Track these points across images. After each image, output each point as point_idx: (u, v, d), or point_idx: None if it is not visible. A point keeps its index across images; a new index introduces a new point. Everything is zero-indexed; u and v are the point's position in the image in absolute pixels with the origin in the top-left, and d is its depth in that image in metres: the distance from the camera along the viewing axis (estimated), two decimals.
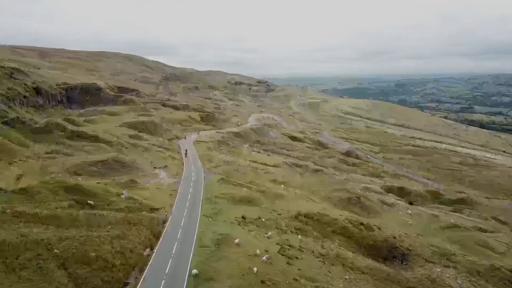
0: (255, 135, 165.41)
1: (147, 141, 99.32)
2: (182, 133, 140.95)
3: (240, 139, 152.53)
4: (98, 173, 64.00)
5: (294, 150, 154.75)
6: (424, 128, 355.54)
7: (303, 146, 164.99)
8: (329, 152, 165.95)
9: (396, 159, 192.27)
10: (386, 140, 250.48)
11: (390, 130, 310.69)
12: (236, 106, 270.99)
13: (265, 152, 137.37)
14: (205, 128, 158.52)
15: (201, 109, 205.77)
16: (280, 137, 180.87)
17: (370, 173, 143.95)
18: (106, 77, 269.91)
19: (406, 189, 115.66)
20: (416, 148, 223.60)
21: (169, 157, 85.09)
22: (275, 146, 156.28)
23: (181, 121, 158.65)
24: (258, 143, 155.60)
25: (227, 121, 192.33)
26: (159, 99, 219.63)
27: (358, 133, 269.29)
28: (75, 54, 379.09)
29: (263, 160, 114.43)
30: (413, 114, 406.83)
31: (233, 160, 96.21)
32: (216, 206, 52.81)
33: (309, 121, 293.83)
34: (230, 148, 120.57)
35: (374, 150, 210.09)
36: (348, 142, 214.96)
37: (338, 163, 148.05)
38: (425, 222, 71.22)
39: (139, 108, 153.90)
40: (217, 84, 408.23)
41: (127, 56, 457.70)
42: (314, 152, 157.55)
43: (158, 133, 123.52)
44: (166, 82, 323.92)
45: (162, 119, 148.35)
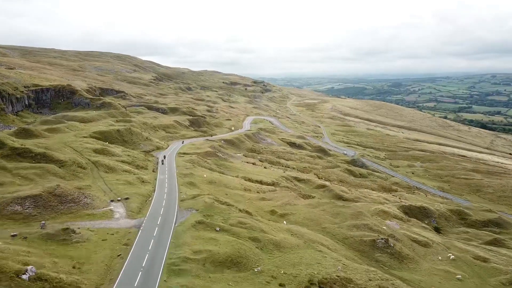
0: (249, 142, 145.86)
1: (116, 157, 79.49)
2: (166, 142, 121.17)
3: (233, 148, 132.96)
4: (23, 216, 44.21)
5: (293, 160, 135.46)
6: (426, 129, 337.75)
7: (304, 154, 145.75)
8: (333, 160, 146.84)
9: (405, 166, 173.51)
10: (390, 144, 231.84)
11: (392, 132, 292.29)
12: (230, 108, 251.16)
13: (261, 163, 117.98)
14: (193, 135, 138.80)
15: (191, 112, 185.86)
16: (277, 143, 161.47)
17: (380, 187, 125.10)
18: (91, 78, 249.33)
19: (427, 209, 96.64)
20: (423, 153, 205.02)
21: (137, 180, 65.30)
22: (273, 154, 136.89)
23: (166, 127, 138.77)
24: (254, 151, 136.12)
25: (220, 126, 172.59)
26: (146, 101, 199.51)
27: (359, 136, 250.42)
28: (62, 54, 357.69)
29: (259, 176, 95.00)
30: (414, 115, 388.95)
31: (220, 180, 76.67)
32: (183, 280, 33.26)
33: (308, 123, 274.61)
34: (219, 161, 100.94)
35: (379, 156, 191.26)
36: (351, 148, 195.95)
37: (344, 174, 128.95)
38: (476, 270, 52.25)
39: (118, 113, 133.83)
40: (211, 85, 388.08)
41: (119, 56, 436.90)
42: (316, 161, 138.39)
43: (135, 143, 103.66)
44: (157, 82, 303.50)
45: (143, 126, 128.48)
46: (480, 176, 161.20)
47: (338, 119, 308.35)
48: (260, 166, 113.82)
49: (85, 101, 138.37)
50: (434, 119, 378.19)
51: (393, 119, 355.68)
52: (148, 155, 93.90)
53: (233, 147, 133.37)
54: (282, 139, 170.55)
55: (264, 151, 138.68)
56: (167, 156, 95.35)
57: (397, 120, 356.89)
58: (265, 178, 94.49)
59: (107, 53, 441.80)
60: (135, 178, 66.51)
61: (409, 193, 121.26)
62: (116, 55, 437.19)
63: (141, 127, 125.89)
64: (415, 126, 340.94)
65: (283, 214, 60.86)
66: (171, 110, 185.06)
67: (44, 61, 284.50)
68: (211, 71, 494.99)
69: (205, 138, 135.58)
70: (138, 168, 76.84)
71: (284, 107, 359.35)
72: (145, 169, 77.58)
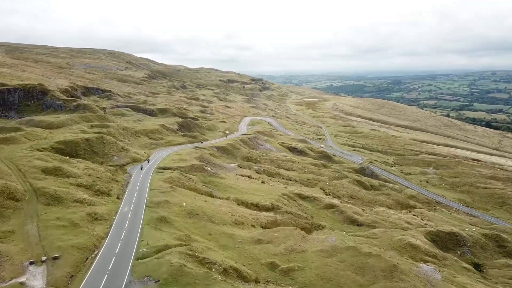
0: (246, 149, 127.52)
1: (71, 179, 61.16)
2: (147, 151, 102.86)
3: (226, 156, 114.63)
4: None
5: (295, 170, 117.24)
6: (431, 129, 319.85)
7: (307, 162, 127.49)
8: (339, 169, 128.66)
9: (417, 173, 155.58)
10: (397, 146, 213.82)
11: (397, 132, 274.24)
12: (226, 108, 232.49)
13: (259, 176, 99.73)
14: (181, 141, 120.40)
15: (182, 114, 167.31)
16: (277, 149, 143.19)
17: (396, 202, 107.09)
18: (77, 76, 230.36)
19: (459, 236, 78.71)
20: (435, 158, 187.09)
21: (86, 219, 46.90)
22: (272, 163, 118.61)
23: (150, 132, 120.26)
24: (250, 160, 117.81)
25: (213, 129, 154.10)
26: (133, 101, 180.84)
27: (364, 137, 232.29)
28: (51, 51, 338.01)
29: (255, 196, 76.80)
30: (418, 114, 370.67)
31: (204, 209, 58.35)
32: None
33: (308, 123, 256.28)
34: (208, 178, 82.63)
35: (388, 161, 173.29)
36: (357, 152, 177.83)
37: (354, 187, 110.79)
38: None
39: (94, 116, 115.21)
40: (208, 83, 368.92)
41: (112, 53, 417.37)
42: (321, 171, 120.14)
43: (107, 155, 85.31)
44: (149, 80, 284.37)
45: (122, 131, 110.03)
46: (501, 184, 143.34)
47: (340, 119, 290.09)
48: (257, 180, 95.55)
49: (57, 102, 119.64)
50: (439, 118, 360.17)
51: (396, 119, 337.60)
52: (118, 172, 75.47)
53: (226, 156, 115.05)
54: (282, 144, 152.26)
55: (262, 160, 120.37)
56: (143, 172, 77.11)
57: (401, 119, 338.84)
58: (263, 199, 76.28)
59: (100, 50, 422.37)
60: (85, 214, 48.14)
61: (430, 210, 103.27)
62: (109, 52, 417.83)
63: (119, 134, 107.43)
64: (420, 126, 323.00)
65: (287, 270, 42.62)
66: (160, 111, 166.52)
67: (29, 58, 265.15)
68: (208, 69, 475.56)
69: (194, 145, 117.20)
70: (97, 194, 58.48)
71: (283, 106, 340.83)
72: (107, 196, 59.18)
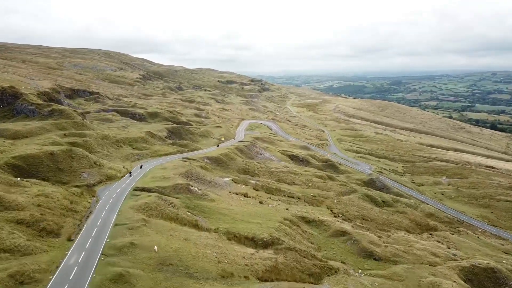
0: (242, 159, 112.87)
1: (10, 212, 46.48)
2: (128, 165, 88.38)
3: (219, 169, 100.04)
4: None
5: (298, 184, 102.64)
6: (437, 132, 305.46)
7: (311, 174, 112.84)
8: (347, 181, 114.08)
9: (430, 183, 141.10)
10: (404, 152, 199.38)
11: (402, 136, 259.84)
12: (223, 111, 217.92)
13: (256, 194, 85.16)
14: (169, 151, 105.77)
15: (174, 118, 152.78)
16: (277, 158, 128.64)
17: (414, 222, 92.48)
18: (66, 77, 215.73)
19: (497, 271, 64.29)
20: (446, 165, 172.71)
21: (7, 284, 32.48)
22: (272, 176, 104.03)
23: (135, 141, 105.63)
24: (247, 172, 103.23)
25: (207, 136, 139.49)
26: (122, 105, 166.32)
27: (369, 142, 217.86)
28: (43, 51, 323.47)
29: (250, 225, 62.29)
30: (423, 116, 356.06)
31: (181, 255, 43.72)
32: None
33: (310, 127, 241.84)
34: (194, 201, 68.01)
35: (397, 169, 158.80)
36: (363, 159, 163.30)
37: (365, 205, 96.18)
38: None
39: (70, 123, 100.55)
40: (205, 84, 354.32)
41: (107, 53, 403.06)
42: (327, 185, 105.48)
43: (74, 172, 70.74)
44: (143, 81, 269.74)
45: (101, 141, 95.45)
46: None
47: (343, 122, 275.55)
48: (254, 199, 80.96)
49: (30, 107, 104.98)
50: (444, 121, 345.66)
51: (401, 121, 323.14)
52: (84, 196, 60.89)
53: (219, 168, 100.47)
54: (282, 152, 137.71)
55: (261, 172, 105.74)
56: (114, 197, 62.57)
57: (405, 121, 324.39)
58: (260, 228, 61.66)
59: (96, 50, 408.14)
60: (7, 276, 33.50)
61: (454, 233, 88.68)
62: (105, 52, 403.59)
63: (97, 144, 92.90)
64: (425, 129, 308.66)
65: None
66: (150, 115, 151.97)
67: (17, 58, 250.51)
68: (206, 69, 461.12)
69: (184, 155, 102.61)
70: (41, 235, 43.87)
71: (283, 108, 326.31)
72: (55, 236, 44.54)
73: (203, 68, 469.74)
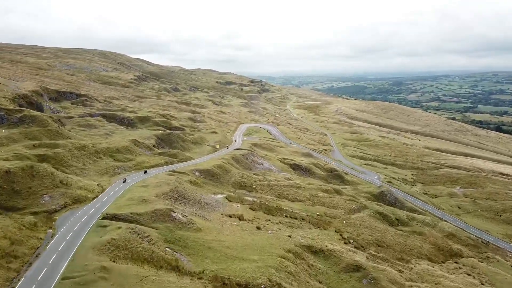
0: (238, 170, 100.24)
1: None
2: (108, 180, 75.86)
3: (212, 183, 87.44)
4: None
5: (301, 200, 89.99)
6: (443, 135, 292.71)
7: (315, 187, 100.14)
8: (355, 195, 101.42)
9: (444, 194, 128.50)
10: (412, 157, 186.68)
11: (408, 140, 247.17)
12: (220, 114, 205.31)
13: (253, 215, 72.61)
14: (156, 163, 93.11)
15: (166, 123, 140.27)
16: (277, 168, 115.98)
17: (435, 247, 79.88)
18: (54, 78, 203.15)
19: None
20: (458, 172, 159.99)
21: None
22: (271, 192, 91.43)
23: (117, 151, 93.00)
24: (243, 187, 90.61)
25: (200, 143, 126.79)
26: (110, 108, 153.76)
27: (374, 147, 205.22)
28: (36, 51, 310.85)
29: (244, 265, 49.55)
30: (427, 118, 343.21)
31: None
32: None
33: (312, 130, 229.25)
34: (176, 231, 55.40)
35: (406, 178, 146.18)
36: (369, 167, 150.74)
37: (377, 225, 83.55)
38: None
39: (43, 132, 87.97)
40: (203, 85, 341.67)
41: (104, 53, 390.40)
42: (333, 200, 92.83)
43: (34, 195, 58.15)
44: (138, 82, 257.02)
45: (76, 152, 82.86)
46: None
47: (346, 124, 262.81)
48: (250, 223, 68.39)
49: None
50: (450, 123, 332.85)
51: (405, 123, 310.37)
52: (37, 228, 48.33)
53: (212, 182, 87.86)
54: (283, 160, 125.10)
55: (259, 186, 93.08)
56: (76, 229, 50.03)
57: (410, 124, 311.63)
58: (257, 268, 49.01)
59: (91, 50, 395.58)
60: None
61: (482, 259, 76.13)
62: (101, 52, 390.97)
63: (72, 156, 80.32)
64: (430, 132, 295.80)
65: None
66: (140, 120, 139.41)
67: (6, 59, 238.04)
68: (204, 70, 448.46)
69: (172, 167, 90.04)
70: None
71: (283, 110, 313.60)
72: None
73: (201, 69, 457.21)
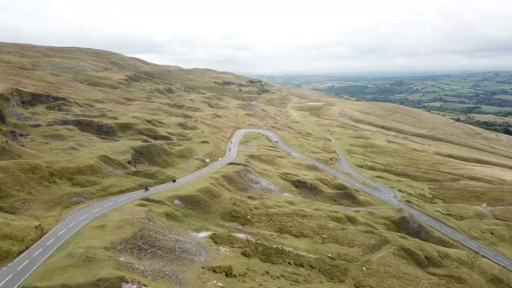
0: (230, 194, 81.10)
1: None
2: (57, 214, 56.84)
3: (195, 214, 68.21)
4: None
5: (308, 235, 70.74)
6: (452, 138, 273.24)
7: (323, 214, 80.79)
8: (372, 223, 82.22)
9: (471, 215, 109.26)
10: (426, 167, 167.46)
11: (417, 145, 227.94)
12: (215, 118, 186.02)
13: (246, 268, 53.48)
14: (127, 186, 73.84)
15: (150, 131, 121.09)
16: (278, 186, 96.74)
17: None
18: (35, 79, 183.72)
19: None
20: (480, 185, 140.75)
21: None
22: (270, 223, 72.23)
23: (79, 173, 73.76)
24: (235, 218, 71.41)
25: (187, 156, 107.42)
26: (91, 113, 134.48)
27: (382, 154, 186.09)
28: (23, 49, 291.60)
29: None
30: (434, 120, 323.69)
31: None
32: None
33: (314, 135, 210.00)
34: None
35: (424, 194, 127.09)
36: (382, 180, 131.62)
37: (407, 270, 64.45)
38: None
39: None
40: (200, 85, 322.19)
41: (98, 52, 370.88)
42: (347, 234, 73.49)
43: None
44: (128, 83, 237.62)
45: (22, 176, 63.72)
46: None
47: (350, 128, 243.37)
48: (241, 281, 49.29)
49: None
50: (458, 125, 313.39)
51: (412, 126, 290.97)
52: None
53: (195, 213, 68.65)
54: (285, 176, 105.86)
55: (255, 216, 73.79)
56: None
57: (417, 127, 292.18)
58: None
59: (84, 49, 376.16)
60: None
61: None
62: (95, 51, 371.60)
63: (14, 182, 61.29)
64: (438, 135, 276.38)
65: None
66: (121, 128, 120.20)
67: None
68: (202, 69, 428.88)
69: (146, 194, 70.89)
70: None
71: (284, 112, 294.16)
72: None
73: (199, 68, 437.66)
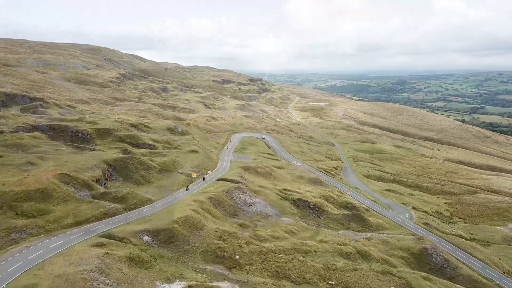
0: (217, 223, 66.03)
1: None
2: None
3: (168, 256, 53.00)
4: None
5: (311, 279, 55.75)
6: (461, 142, 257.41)
7: (330, 247, 65.78)
8: (388, 257, 67.25)
9: (498, 240, 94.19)
10: (438, 176, 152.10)
11: (426, 149, 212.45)
12: (210, 121, 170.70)
13: None
14: (88, 216, 58.89)
15: (132, 138, 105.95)
16: (275, 208, 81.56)
17: None
18: (16, 76, 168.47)
19: None
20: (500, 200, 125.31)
21: None
22: (264, 264, 57.14)
23: (25, 199, 58.45)
24: (220, 259, 56.27)
25: (171, 170, 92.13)
26: (69, 116, 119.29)
27: (390, 160, 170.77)
28: (12, 45, 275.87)
29: None
30: (442, 123, 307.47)
31: None
32: None
33: (317, 138, 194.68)
34: None
35: (441, 210, 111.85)
36: (392, 195, 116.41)
37: None
38: None
39: None
40: (198, 83, 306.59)
41: (93, 49, 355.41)
42: (361, 274, 58.45)
43: None
44: (120, 81, 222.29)
45: None
46: None
47: (355, 131, 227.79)
48: None
49: None
50: (466, 128, 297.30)
51: (418, 129, 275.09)
52: None
53: (168, 254, 53.46)
54: (284, 193, 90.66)
55: (246, 256, 58.51)
56: None
57: (424, 129, 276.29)
58: None
59: (79, 45, 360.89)
60: None
61: None
62: (90, 48, 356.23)
63: None
64: (447, 138, 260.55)
65: None
66: (100, 134, 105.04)
67: None
68: (201, 67, 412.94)
69: (110, 227, 55.84)
70: None
71: (285, 112, 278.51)
72: None
73: (198, 66, 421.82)
